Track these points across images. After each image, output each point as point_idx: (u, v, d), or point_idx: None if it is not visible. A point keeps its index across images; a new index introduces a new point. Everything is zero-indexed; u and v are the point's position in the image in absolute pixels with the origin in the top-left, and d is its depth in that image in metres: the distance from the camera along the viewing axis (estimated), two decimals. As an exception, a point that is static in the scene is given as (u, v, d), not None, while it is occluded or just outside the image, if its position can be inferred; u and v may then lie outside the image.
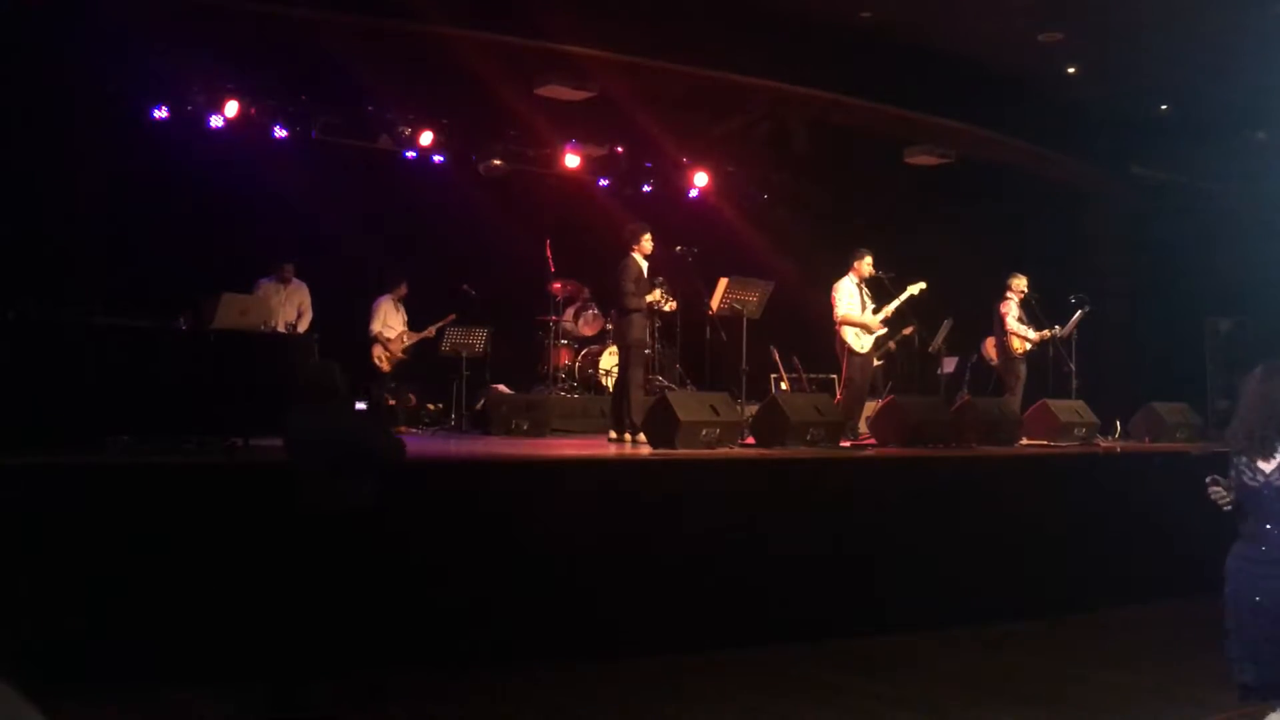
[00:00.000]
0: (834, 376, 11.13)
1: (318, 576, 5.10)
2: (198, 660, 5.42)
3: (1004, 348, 10.69)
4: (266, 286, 9.97)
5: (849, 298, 9.46)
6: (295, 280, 10.23)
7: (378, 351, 10.96)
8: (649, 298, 8.97)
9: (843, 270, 9.58)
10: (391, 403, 10.99)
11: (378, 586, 5.30)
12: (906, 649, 6.76)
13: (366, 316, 11.00)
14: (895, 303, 9.50)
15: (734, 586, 6.75)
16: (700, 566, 6.66)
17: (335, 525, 5.13)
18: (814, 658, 6.49)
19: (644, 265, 8.79)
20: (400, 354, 11.03)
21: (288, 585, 5.20)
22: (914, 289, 9.52)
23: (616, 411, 8.81)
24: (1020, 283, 10.63)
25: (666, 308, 10.18)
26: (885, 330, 9.79)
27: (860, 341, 9.44)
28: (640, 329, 8.79)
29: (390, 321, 11.08)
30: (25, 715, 1.84)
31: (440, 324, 11.00)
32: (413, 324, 11.19)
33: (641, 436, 8.30)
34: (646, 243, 8.79)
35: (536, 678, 5.84)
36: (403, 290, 11.15)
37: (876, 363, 11.15)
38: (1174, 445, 10.08)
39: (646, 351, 9.82)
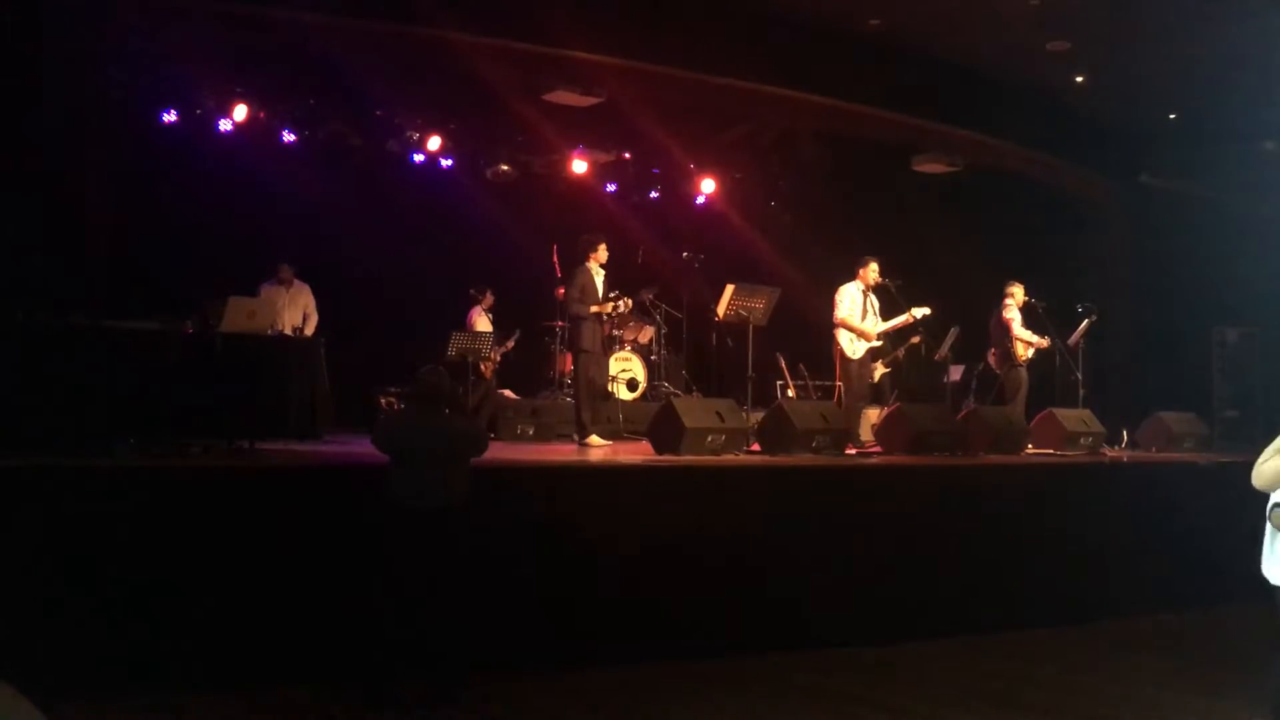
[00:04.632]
0: (840, 384, 11.12)
1: (422, 571, 5.40)
2: (201, 664, 5.43)
3: (1006, 355, 10.59)
4: (269, 290, 9.94)
5: (851, 302, 9.47)
6: (297, 282, 10.19)
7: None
8: (595, 308, 8.85)
9: (849, 276, 9.58)
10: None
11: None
12: (909, 657, 6.75)
13: (464, 328, 10.87)
14: (897, 320, 9.53)
15: (735, 593, 6.74)
16: (701, 573, 6.65)
17: (439, 519, 5.44)
18: (817, 665, 6.48)
19: (597, 275, 8.89)
20: (496, 361, 10.97)
21: (376, 581, 5.47)
22: (918, 312, 9.49)
23: (576, 414, 8.99)
24: (1019, 291, 10.56)
25: (613, 310, 9.92)
26: (880, 343, 9.77)
27: (852, 347, 9.44)
28: (590, 337, 8.84)
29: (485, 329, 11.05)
30: (28, 716, 1.85)
31: (515, 337, 11.02)
32: None
33: (593, 438, 8.62)
34: (602, 252, 8.93)
35: (534, 682, 5.85)
36: (490, 300, 11.15)
37: (884, 370, 11.14)
38: (1181, 455, 10.05)
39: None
